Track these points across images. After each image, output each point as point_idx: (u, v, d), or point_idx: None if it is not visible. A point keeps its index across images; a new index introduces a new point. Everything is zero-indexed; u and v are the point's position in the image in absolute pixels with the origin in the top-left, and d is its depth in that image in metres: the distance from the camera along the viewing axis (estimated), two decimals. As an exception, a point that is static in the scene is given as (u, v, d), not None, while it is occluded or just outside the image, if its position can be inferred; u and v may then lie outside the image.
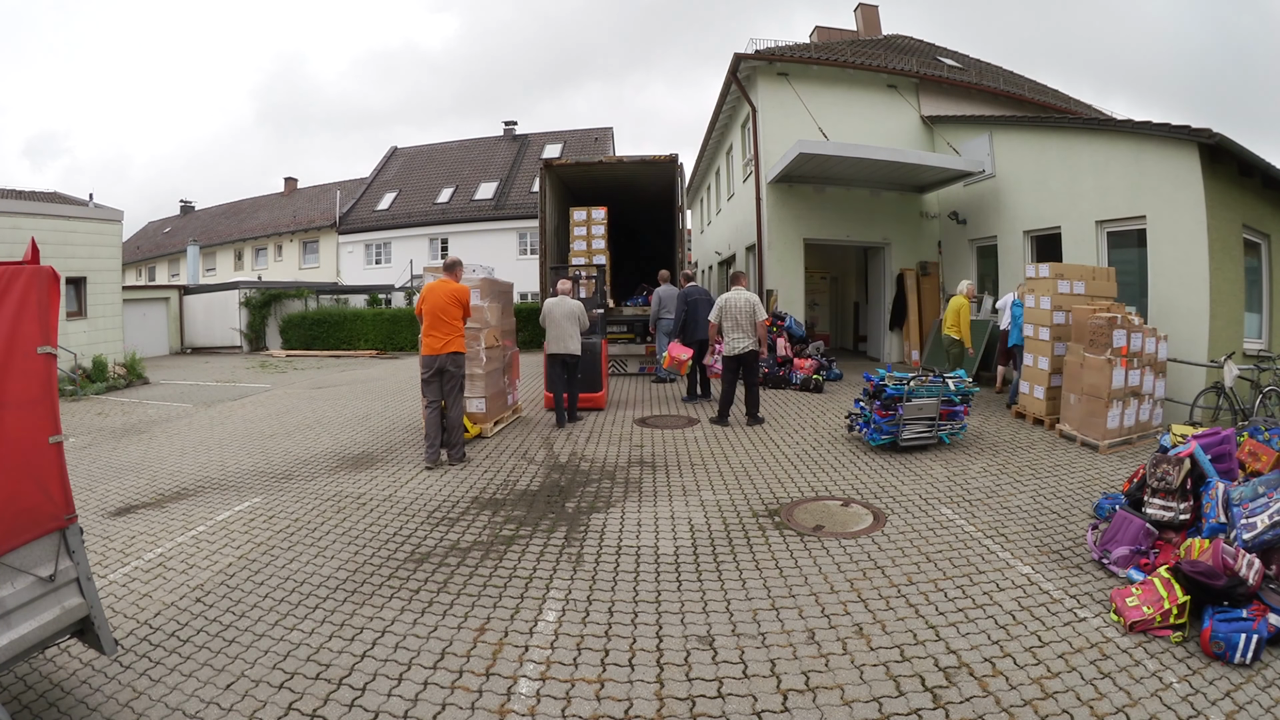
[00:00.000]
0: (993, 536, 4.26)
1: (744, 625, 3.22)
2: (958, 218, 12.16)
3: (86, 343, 13.06)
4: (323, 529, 4.59)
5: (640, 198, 13.66)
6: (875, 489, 5.25)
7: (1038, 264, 8.14)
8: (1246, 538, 3.28)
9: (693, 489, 5.33)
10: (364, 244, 28.65)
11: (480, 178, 29.31)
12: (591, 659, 2.95)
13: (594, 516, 4.72)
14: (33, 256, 2.51)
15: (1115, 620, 3.19)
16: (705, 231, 24.01)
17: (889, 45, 16.05)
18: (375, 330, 20.19)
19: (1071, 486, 5.28)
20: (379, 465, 6.21)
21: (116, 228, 14.89)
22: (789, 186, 12.54)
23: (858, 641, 3.05)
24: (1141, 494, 4.13)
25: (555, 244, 12.15)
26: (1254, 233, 8.15)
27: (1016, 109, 13.89)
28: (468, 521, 4.68)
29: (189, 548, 4.32)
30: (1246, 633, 2.83)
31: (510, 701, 2.66)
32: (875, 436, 6.26)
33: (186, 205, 41.16)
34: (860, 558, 3.97)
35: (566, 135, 31.59)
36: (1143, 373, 6.60)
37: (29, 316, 2.43)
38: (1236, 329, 7.69)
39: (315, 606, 3.48)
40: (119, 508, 5.20)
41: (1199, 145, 7.23)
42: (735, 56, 12.65)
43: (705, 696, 2.67)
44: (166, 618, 3.39)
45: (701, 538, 4.31)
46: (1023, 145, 10.65)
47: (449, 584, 3.71)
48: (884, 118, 12.91)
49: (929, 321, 12.48)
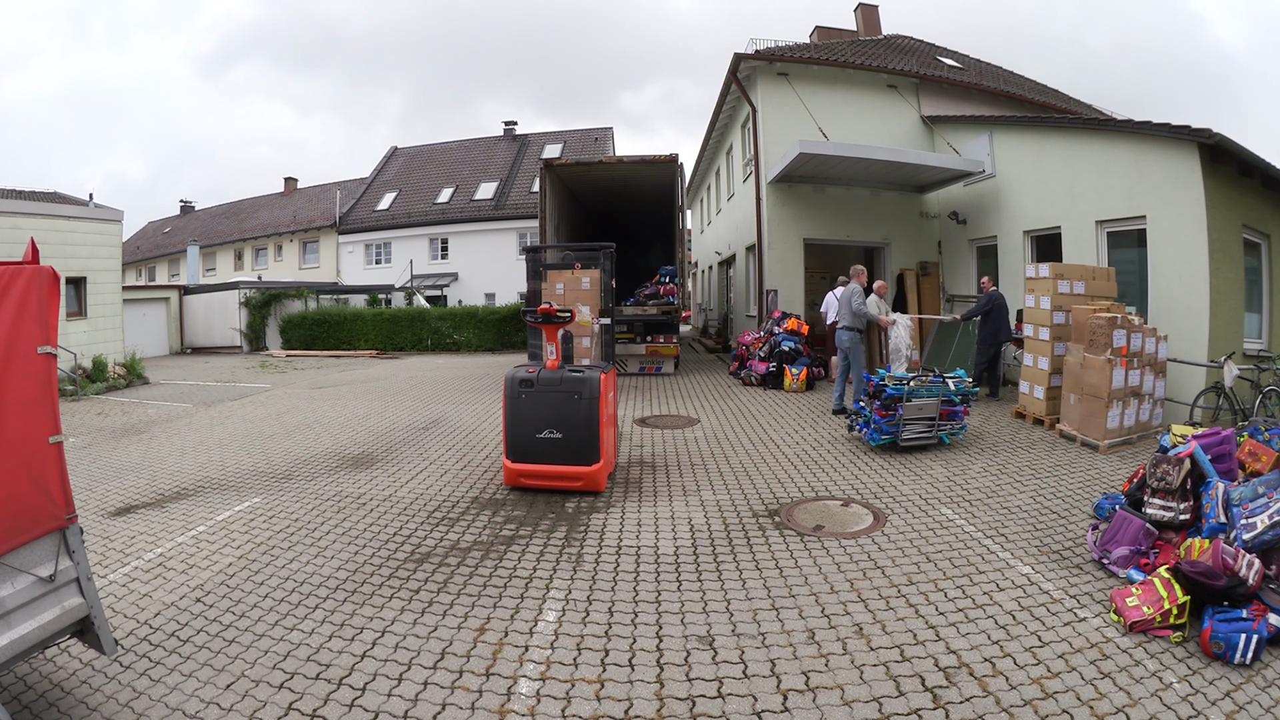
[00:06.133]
0: (993, 536, 4.26)
1: (744, 625, 3.21)
2: (958, 218, 12.16)
3: (86, 343, 13.05)
4: (323, 529, 4.59)
5: (640, 198, 13.66)
6: (875, 489, 5.25)
7: (1038, 264, 8.13)
8: (1246, 538, 3.28)
9: (693, 489, 5.33)
10: (364, 244, 28.66)
11: (480, 178, 29.32)
12: (591, 659, 2.95)
13: (594, 516, 4.72)
14: (33, 256, 2.51)
15: (1115, 620, 3.19)
16: (705, 231, 24.03)
17: (889, 45, 16.04)
18: (375, 330, 20.19)
19: (1071, 486, 5.28)
20: (379, 465, 6.21)
21: (116, 228, 14.89)
22: (789, 186, 12.54)
23: (858, 641, 3.05)
24: (1141, 494, 4.13)
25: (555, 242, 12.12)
26: (1254, 233, 8.15)
27: (1017, 109, 13.89)
28: (468, 521, 4.67)
29: (189, 548, 4.31)
30: (1246, 633, 2.83)
31: (510, 701, 2.66)
32: (875, 436, 6.26)
33: (186, 205, 41.15)
34: (860, 558, 3.97)
35: (566, 135, 31.60)
36: (1143, 373, 6.60)
37: (29, 316, 2.43)
38: (1236, 329, 7.69)
39: (315, 606, 3.48)
40: (119, 508, 5.20)
41: (1199, 145, 7.23)
42: (735, 56, 12.66)
43: (705, 696, 2.67)
44: (166, 618, 3.39)
45: (701, 538, 4.31)
46: (1023, 145, 10.65)
47: (449, 584, 3.71)
48: (884, 118, 12.92)
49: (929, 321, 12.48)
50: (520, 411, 5.06)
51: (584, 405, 5.01)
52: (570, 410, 5.01)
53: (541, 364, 5.32)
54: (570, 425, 5.02)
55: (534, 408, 5.04)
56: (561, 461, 5.06)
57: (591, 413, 5.01)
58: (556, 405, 5.02)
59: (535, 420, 5.04)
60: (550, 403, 5.03)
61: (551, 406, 5.03)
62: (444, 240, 27.82)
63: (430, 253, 27.83)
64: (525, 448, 5.09)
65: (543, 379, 5.06)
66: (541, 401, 5.04)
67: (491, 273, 26.22)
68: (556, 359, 5.29)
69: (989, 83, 14.64)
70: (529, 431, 5.06)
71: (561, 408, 5.02)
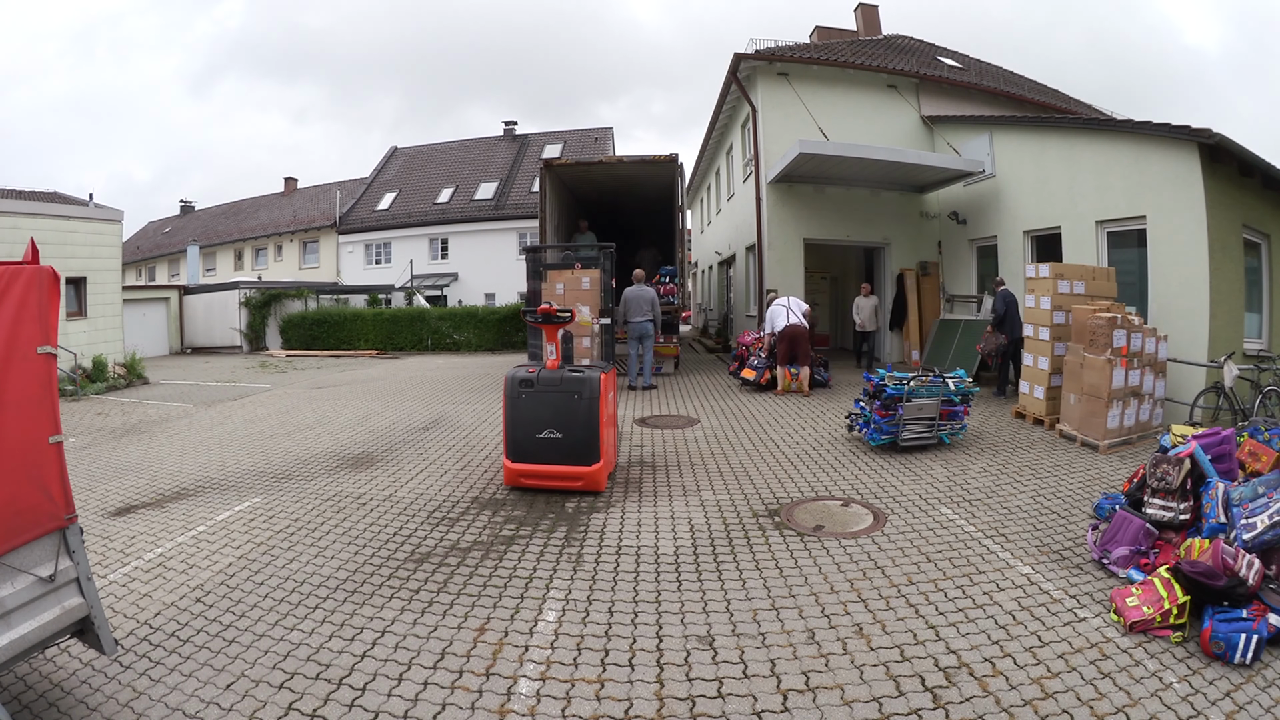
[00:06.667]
0: (993, 536, 4.26)
1: (744, 625, 3.21)
2: (958, 218, 12.17)
3: (86, 343, 13.05)
4: (323, 529, 4.59)
5: (640, 198, 13.66)
6: (875, 489, 5.25)
7: (1038, 264, 8.13)
8: (1246, 538, 3.28)
9: (693, 489, 5.33)
10: (364, 244, 28.67)
11: (480, 178, 29.32)
12: (591, 659, 2.95)
13: (594, 516, 4.72)
14: (33, 256, 2.51)
15: (1115, 620, 3.19)
16: (705, 231, 24.02)
17: (889, 45, 16.04)
18: (375, 330, 20.20)
19: (1071, 486, 5.28)
20: (379, 465, 6.21)
21: (116, 228, 14.88)
22: (789, 186, 12.54)
23: (858, 641, 3.05)
24: (1141, 494, 4.13)
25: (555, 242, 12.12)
26: (1254, 233, 8.15)
27: (1017, 109, 13.89)
28: (468, 521, 4.67)
29: (189, 548, 4.31)
30: (1246, 633, 2.83)
31: (510, 701, 2.66)
32: (875, 436, 6.26)
33: (186, 205, 41.16)
34: (860, 558, 3.97)
35: (566, 135, 31.59)
36: (1143, 373, 6.60)
37: (29, 316, 2.43)
38: (1236, 329, 7.69)
39: (315, 606, 3.48)
40: (119, 508, 5.20)
41: (1199, 145, 7.23)
42: (735, 56, 12.66)
43: (705, 696, 2.67)
44: (166, 618, 3.39)
45: (701, 538, 4.31)
46: (1023, 145, 10.65)
47: (449, 584, 3.71)
48: (884, 118, 12.92)
49: (929, 321, 12.49)
50: (520, 411, 5.06)
51: (584, 405, 5.00)
52: (570, 410, 5.01)
53: (541, 364, 5.33)
54: (570, 425, 5.01)
55: (534, 408, 5.04)
56: (561, 461, 5.05)
57: (591, 413, 5.01)
58: (556, 405, 5.02)
59: (535, 420, 5.04)
60: (550, 403, 5.02)
61: (551, 406, 5.02)
62: (444, 240, 27.83)
63: (430, 253, 27.83)
64: (525, 448, 5.08)
65: (543, 379, 5.06)
66: (541, 401, 5.03)
67: (491, 273, 26.23)
68: (556, 359, 5.29)
69: (989, 83, 14.64)
70: (529, 431, 5.06)
71: (561, 408, 5.01)
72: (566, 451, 5.03)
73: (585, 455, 5.05)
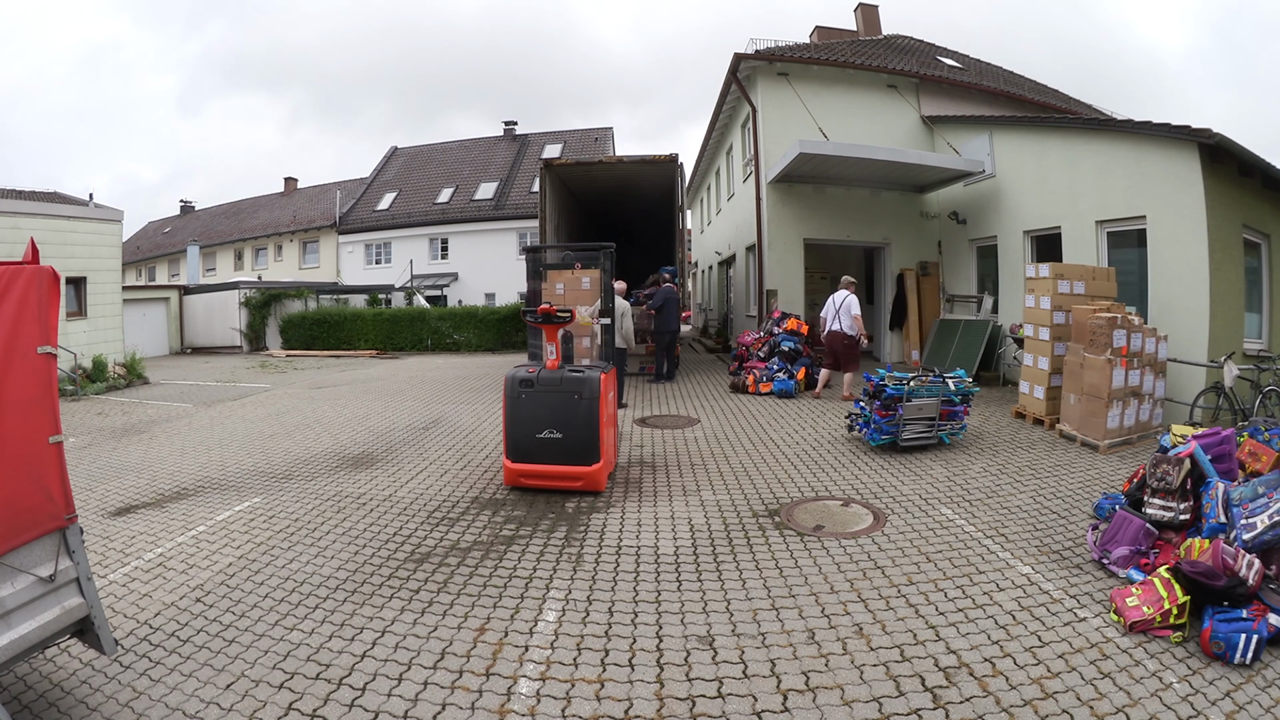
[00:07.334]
0: (993, 536, 4.26)
1: (744, 625, 3.21)
2: (958, 218, 12.16)
3: (86, 343, 13.04)
4: (323, 529, 4.59)
5: (640, 198, 13.66)
6: (875, 489, 5.25)
7: (1038, 264, 8.13)
8: (1246, 538, 3.28)
9: (693, 489, 5.33)
10: (364, 244, 28.66)
11: (480, 178, 29.32)
12: (591, 659, 2.95)
13: (594, 516, 4.72)
14: (33, 256, 2.51)
15: (1115, 620, 3.19)
16: (705, 231, 24.02)
17: (889, 45, 16.04)
18: (375, 330, 20.19)
19: (1071, 486, 5.28)
20: (379, 465, 6.21)
21: (116, 228, 14.88)
22: (789, 186, 12.54)
23: (858, 641, 3.05)
24: (1141, 494, 4.13)
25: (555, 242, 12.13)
26: (1254, 233, 8.15)
27: (1017, 109, 13.88)
28: (468, 521, 4.67)
29: (189, 548, 4.31)
30: (1246, 633, 2.83)
31: (510, 701, 2.66)
32: (875, 436, 6.26)
33: (186, 205, 41.16)
34: (860, 558, 3.97)
35: (566, 135, 31.60)
36: (1143, 373, 6.60)
37: (29, 316, 2.43)
38: (1236, 329, 7.69)
39: (315, 606, 3.48)
40: (119, 508, 5.20)
41: (1199, 145, 7.23)
42: (735, 56, 12.65)
43: (705, 696, 2.67)
44: (166, 618, 3.39)
45: (701, 538, 4.31)
46: (1023, 145, 10.64)
47: (449, 584, 3.71)
48: (884, 118, 12.91)
49: (929, 321, 12.49)
50: (520, 411, 5.06)
51: (584, 405, 5.00)
52: (570, 410, 5.00)
53: (541, 364, 5.33)
54: (570, 425, 5.01)
55: (534, 408, 5.03)
56: (561, 461, 5.05)
57: (591, 413, 5.01)
58: (556, 405, 5.01)
59: (535, 420, 5.03)
60: (550, 403, 5.02)
61: (551, 406, 5.02)
62: (444, 240, 27.82)
63: (430, 253, 27.83)
64: (525, 448, 5.08)
65: (543, 379, 5.06)
66: (541, 401, 5.03)
67: (491, 273, 26.23)
68: (556, 359, 5.29)
69: (989, 83, 14.63)
70: (529, 431, 5.05)
71: (561, 408, 5.01)
72: (566, 451, 5.04)
73: (585, 455, 5.05)
